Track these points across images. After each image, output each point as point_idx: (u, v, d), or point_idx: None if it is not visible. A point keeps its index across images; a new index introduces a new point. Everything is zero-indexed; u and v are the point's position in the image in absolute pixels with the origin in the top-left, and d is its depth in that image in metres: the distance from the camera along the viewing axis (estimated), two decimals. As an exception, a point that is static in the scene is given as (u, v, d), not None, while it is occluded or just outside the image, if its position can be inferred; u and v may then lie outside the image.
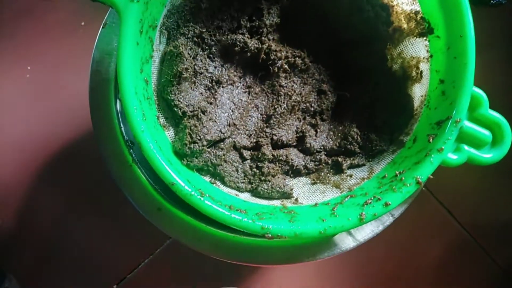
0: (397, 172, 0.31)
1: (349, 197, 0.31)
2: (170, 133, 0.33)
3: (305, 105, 0.36)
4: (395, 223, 0.36)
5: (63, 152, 0.55)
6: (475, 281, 0.57)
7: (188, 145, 0.31)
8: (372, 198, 0.29)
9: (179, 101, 0.32)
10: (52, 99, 0.56)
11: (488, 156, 0.31)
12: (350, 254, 0.38)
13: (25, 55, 0.56)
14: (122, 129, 0.37)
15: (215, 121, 0.33)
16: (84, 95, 0.37)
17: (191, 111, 0.32)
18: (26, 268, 0.54)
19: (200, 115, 0.32)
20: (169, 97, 0.32)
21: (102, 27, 0.38)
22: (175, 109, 0.32)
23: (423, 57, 0.34)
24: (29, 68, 0.56)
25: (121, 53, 0.27)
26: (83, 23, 0.56)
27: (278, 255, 0.36)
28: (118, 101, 0.37)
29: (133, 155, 0.36)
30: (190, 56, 0.33)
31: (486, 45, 0.60)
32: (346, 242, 0.37)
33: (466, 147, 0.30)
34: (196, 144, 0.31)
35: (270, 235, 0.27)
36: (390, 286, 0.56)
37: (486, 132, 0.30)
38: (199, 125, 0.32)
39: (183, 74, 0.32)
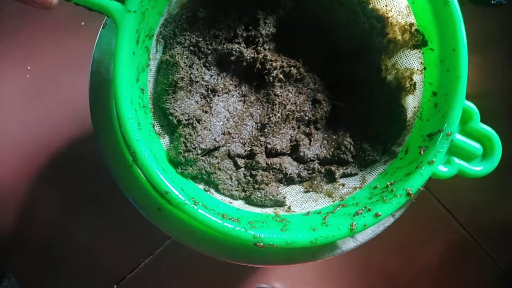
0: (388, 183, 0.31)
1: (340, 206, 0.32)
2: (165, 140, 0.33)
3: (299, 114, 0.37)
4: (396, 224, 0.36)
5: (64, 152, 0.55)
6: (475, 281, 0.57)
7: (182, 154, 0.31)
8: (363, 208, 0.30)
9: (174, 109, 0.32)
10: (52, 99, 0.56)
11: (478, 169, 0.31)
12: (350, 254, 0.39)
13: (25, 55, 0.56)
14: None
15: (209, 130, 0.33)
16: (84, 95, 0.37)
17: (186, 120, 0.33)
18: (26, 268, 0.55)
19: (195, 123, 0.33)
20: (164, 106, 0.32)
21: (102, 27, 0.37)
22: (170, 117, 0.33)
23: (417, 69, 0.34)
24: (29, 68, 0.56)
25: (117, 63, 0.28)
26: (83, 23, 0.56)
27: (278, 255, 0.36)
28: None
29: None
30: (186, 65, 0.34)
31: (486, 44, 0.60)
32: (347, 243, 0.37)
33: (456, 160, 0.31)
34: (191, 153, 0.32)
35: (262, 244, 0.28)
36: (390, 286, 0.56)
37: (476, 145, 0.31)
38: (194, 134, 0.32)
39: (179, 84, 0.32)
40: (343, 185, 0.34)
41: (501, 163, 0.31)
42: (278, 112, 0.36)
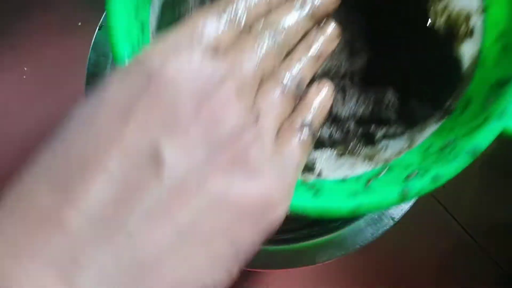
0: (446, 142, 0.25)
1: (386, 170, 0.26)
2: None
3: (334, 65, 0.31)
4: (395, 226, 0.37)
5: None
6: (477, 284, 0.56)
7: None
8: (417, 171, 0.24)
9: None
10: (49, 100, 0.56)
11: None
12: (349, 258, 0.38)
13: (21, 56, 0.56)
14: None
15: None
16: (81, 96, 0.38)
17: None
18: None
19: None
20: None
21: (98, 29, 0.38)
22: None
23: (476, 10, 0.29)
24: (25, 69, 0.56)
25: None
26: (79, 24, 0.56)
27: (277, 259, 0.36)
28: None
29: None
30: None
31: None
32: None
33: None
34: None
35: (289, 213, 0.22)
36: (390, 288, 0.56)
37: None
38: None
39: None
40: (386, 147, 0.29)
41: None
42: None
